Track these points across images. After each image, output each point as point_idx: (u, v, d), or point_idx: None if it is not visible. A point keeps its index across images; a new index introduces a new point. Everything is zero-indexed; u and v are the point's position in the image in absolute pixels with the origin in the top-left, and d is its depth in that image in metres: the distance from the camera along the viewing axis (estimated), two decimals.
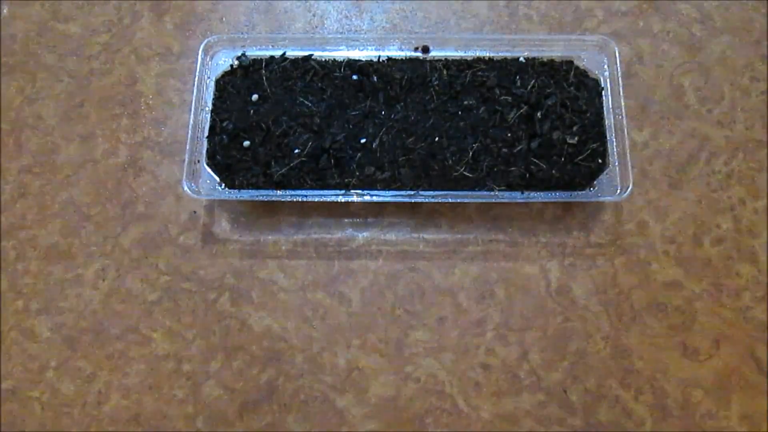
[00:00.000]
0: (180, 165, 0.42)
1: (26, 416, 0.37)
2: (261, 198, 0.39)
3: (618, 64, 0.40)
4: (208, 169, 0.39)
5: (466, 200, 0.39)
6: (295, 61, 0.41)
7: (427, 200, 0.39)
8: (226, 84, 0.41)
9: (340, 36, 0.43)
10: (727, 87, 0.42)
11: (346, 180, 0.38)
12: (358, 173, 0.38)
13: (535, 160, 0.38)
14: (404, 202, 0.40)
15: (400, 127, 0.39)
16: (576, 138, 0.39)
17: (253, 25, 0.46)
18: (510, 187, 0.38)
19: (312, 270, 0.39)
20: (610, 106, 0.40)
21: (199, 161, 0.39)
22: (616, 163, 0.38)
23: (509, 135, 0.39)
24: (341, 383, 0.37)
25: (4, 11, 0.47)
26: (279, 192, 0.38)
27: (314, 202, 0.40)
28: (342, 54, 0.42)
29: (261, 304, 0.38)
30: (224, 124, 0.40)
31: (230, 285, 0.39)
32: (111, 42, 0.46)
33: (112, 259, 0.40)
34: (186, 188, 0.38)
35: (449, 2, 0.46)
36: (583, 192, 0.38)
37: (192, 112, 0.40)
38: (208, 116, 0.40)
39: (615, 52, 0.40)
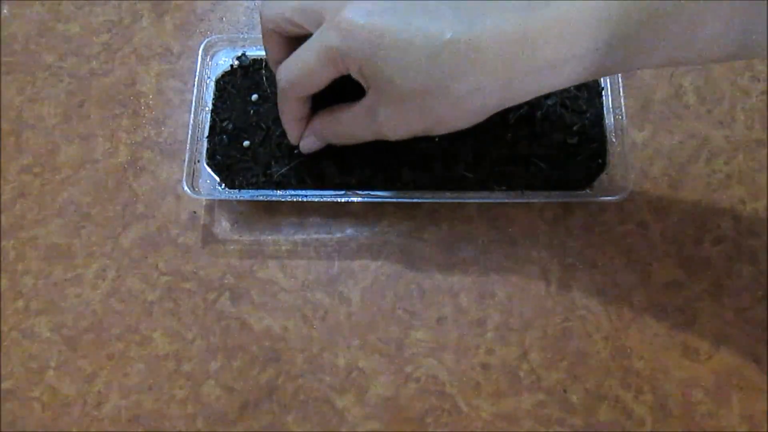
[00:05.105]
0: (180, 165, 0.42)
1: (26, 416, 0.37)
2: (261, 198, 0.39)
3: None
4: (208, 169, 0.39)
5: (466, 200, 0.39)
6: None
7: (427, 200, 0.39)
8: (226, 84, 0.41)
9: None
10: (727, 87, 0.42)
11: (346, 180, 0.38)
12: (358, 173, 0.38)
13: (535, 160, 0.38)
14: (404, 202, 0.40)
15: None
16: (576, 138, 0.39)
17: (253, 25, 0.46)
18: (510, 187, 0.38)
19: (312, 270, 0.39)
20: (610, 106, 0.40)
21: (199, 161, 0.39)
22: (616, 163, 0.38)
23: (509, 135, 0.39)
24: (341, 383, 0.37)
25: (4, 11, 0.47)
26: (279, 192, 0.38)
27: (314, 202, 0.40)
28: None
29: (261, 304, 0.38)
30: (224, 124, 0.40)
31: (230, 285, 0.39)
32: (111, 42, 0.46)
33: (112, 259, 0.40)
34: (186, 188, 0.38)
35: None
36: (583, 192, 0.38)
37: (192, 112, 0.40)
38: (208, 116, 0.40)
39: None
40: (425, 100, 0.30)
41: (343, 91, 0.37)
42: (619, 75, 0.40)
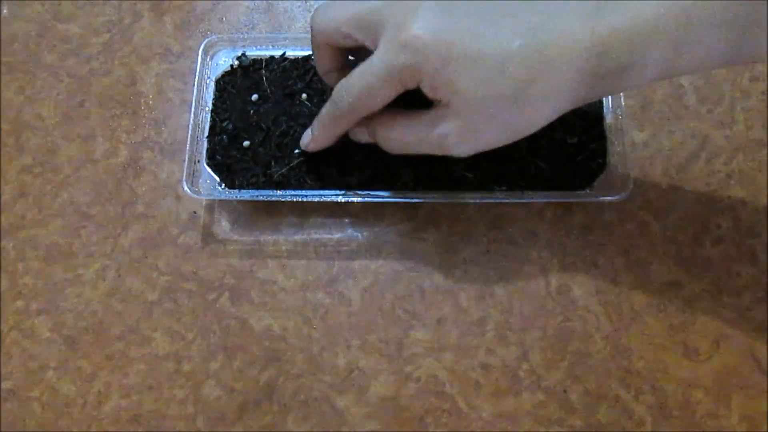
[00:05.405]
0: (180, 165, 0.42)
1: (26, 416, 0.37)
2: (261, 198, 0.39)
3: None
4: (208, 169, 0.39)
5: (466, 200, 0.39)
6: (295, 61, 0.41)
7: (427, 200, 0.39)
8: (226, 84, 0.41)
9: None
10: (727, 87, 0.42)
11: (346, 180, 0.38)
12: (358, 173, 0.38)
13: (535, 160, 0.38)
14: (404, 202, 0.40)
15: None
16: (576, 138, 0.39)
17: (253, 25, 0.46)
18: (510, 187, 0.38)
19: (312, 270, 0.39)
20: (610, 106, 0.40)
21: (199, 161, 0.39)
22: (616, 163, 0.38)
23: None
24: (341, 383, 0.37)
25: (4, 11, 0.47)
26: (279, 192, 0.38)
27: (314, 202, 0.40)
28: None
29: (261, 304, 0.38)
30: (224, 124, 0.40)
31: (230, 285, 0.39)
32: (111, 42, 0.46)
33: (112, 259, 0.40)
34: (186, 188, 0.38)
35: None
36: (583, 192, 0.38)
37: (192, 112, 0.40)
38: (208, 116, 0.40)
39: None
40: (498, 107, 0.30)
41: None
42: None
